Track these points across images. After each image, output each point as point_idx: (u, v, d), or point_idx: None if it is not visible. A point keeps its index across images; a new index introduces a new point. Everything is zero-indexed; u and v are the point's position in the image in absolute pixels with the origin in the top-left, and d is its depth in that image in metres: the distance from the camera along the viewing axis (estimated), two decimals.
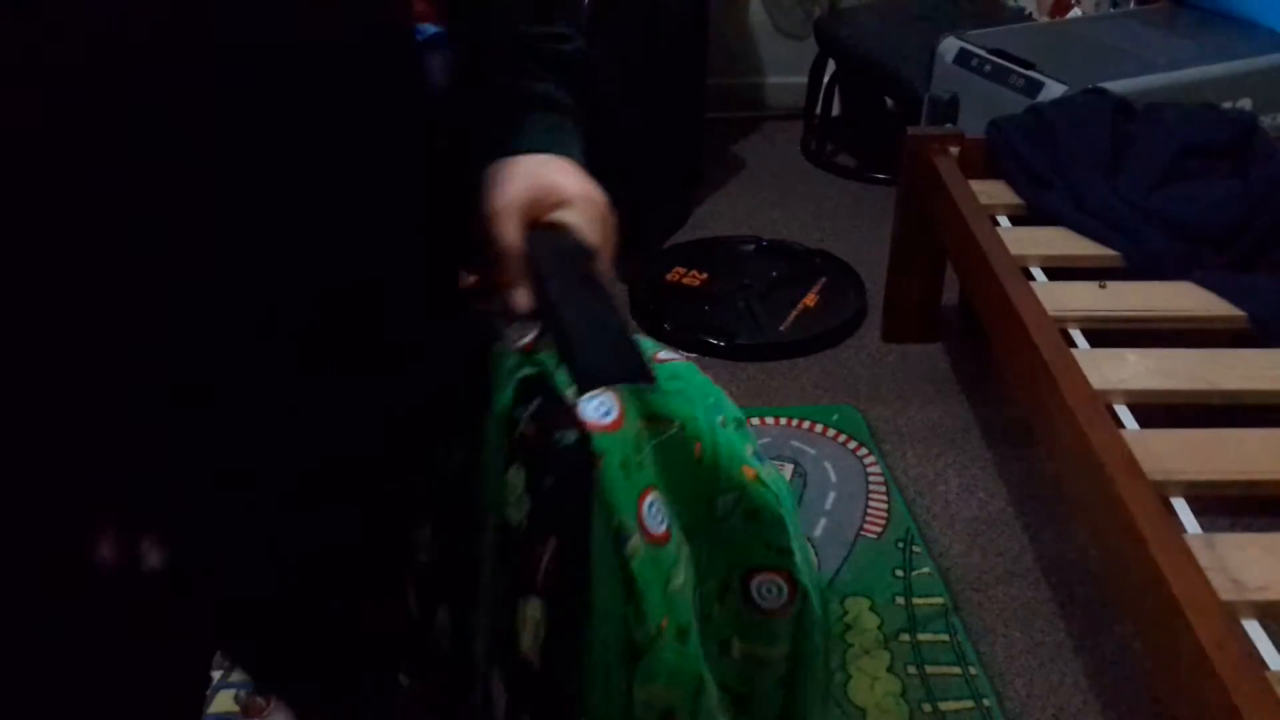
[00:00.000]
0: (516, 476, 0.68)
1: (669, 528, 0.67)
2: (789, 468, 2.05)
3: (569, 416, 0.65)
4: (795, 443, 2.12)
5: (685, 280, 2.63)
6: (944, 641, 1.70)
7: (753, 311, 2.51)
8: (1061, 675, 1.65)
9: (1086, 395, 1.53)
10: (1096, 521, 1.44)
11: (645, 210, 2.85)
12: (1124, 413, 1.56)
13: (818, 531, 1.91)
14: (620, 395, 0.66)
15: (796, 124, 3.37)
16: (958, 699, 1.61)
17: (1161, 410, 1.57)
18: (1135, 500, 1.33)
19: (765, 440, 2.13)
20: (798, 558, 0.71)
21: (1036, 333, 1.67)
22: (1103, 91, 2.14)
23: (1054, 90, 2.21)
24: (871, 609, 1.75)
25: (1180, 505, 1.40)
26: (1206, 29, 2.49)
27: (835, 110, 3.28)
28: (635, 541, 0.65)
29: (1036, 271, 1.91)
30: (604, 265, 0.74)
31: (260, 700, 1.62)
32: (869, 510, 1.95)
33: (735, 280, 2.62)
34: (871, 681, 1.63)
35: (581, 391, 0.66)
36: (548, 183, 0.73)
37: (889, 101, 3.29)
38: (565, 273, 0.70)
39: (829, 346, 2.42)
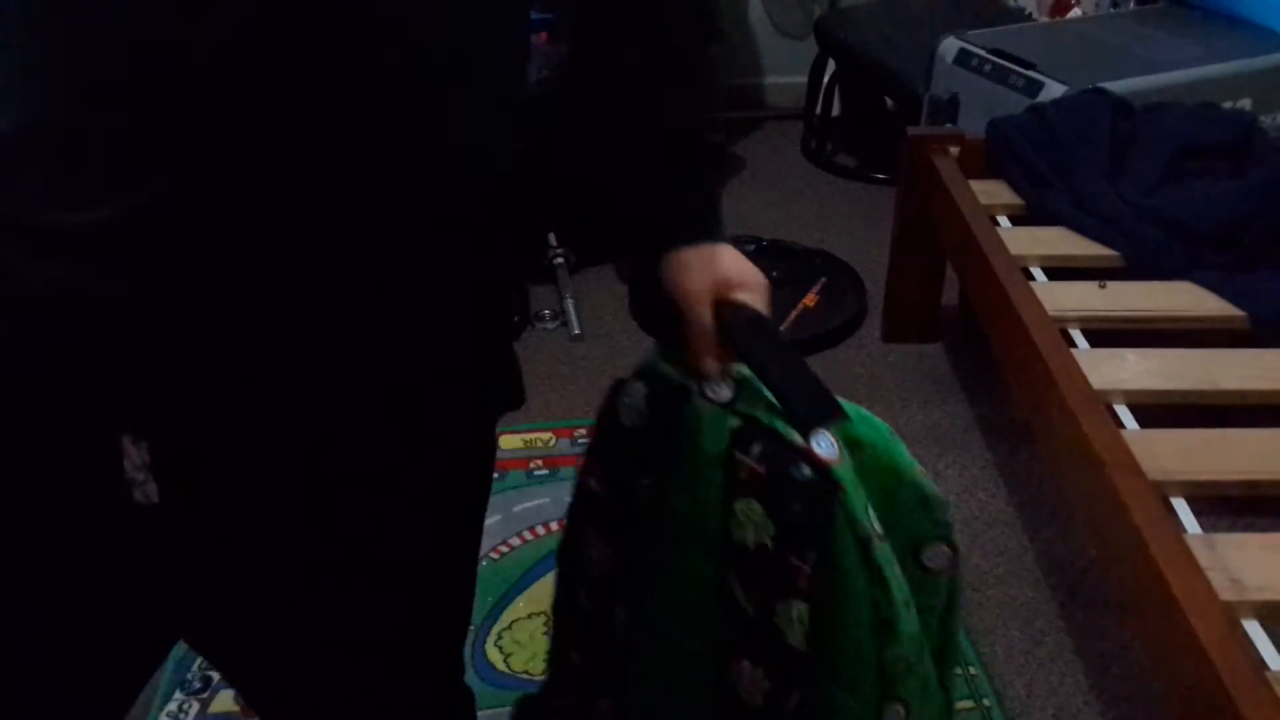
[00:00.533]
0: (750, 507, 0.86)
1: (882, 529, 0.84)
2: None
3: (803, 454, 0.83)
4: None
5: None
6: None
7: None
8: (1061, 675, 1.65)
9: (1086, 395, 1.53)
10: (1096, 521, 1.44)
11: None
12: (1124, 413, 1.56)
13: None
14: (833, 433, 0.83)
15: (796, 124, 3.37)
16: (958, 699, 1.59)
17: (1161, 410, 1.57)
18: (1135, 500, 1.33)
19: None
20: (953, 529, 0.89)
21: (1036, 333, 1.67)
22: (1103, 91, 2.14)
23: (1054, 90, 2.21)
24: None
25: (1180, 505, 1.39)
26: (1206, 29, 2.49)
27: (835, 110, 3.28)
28: (875, 542, 0.82)
29: (1036, 271, 1.91)
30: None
31: None
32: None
33: None
34: None
35: (806, 434, 0.83)
36: (729, 274, 0.87)
37: (889, 101, 3.29)
38: (763, 340, 0.87)
39: (829, 347, 2.42)
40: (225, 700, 1.62)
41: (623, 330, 2.48)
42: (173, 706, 1.62)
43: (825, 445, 0.83)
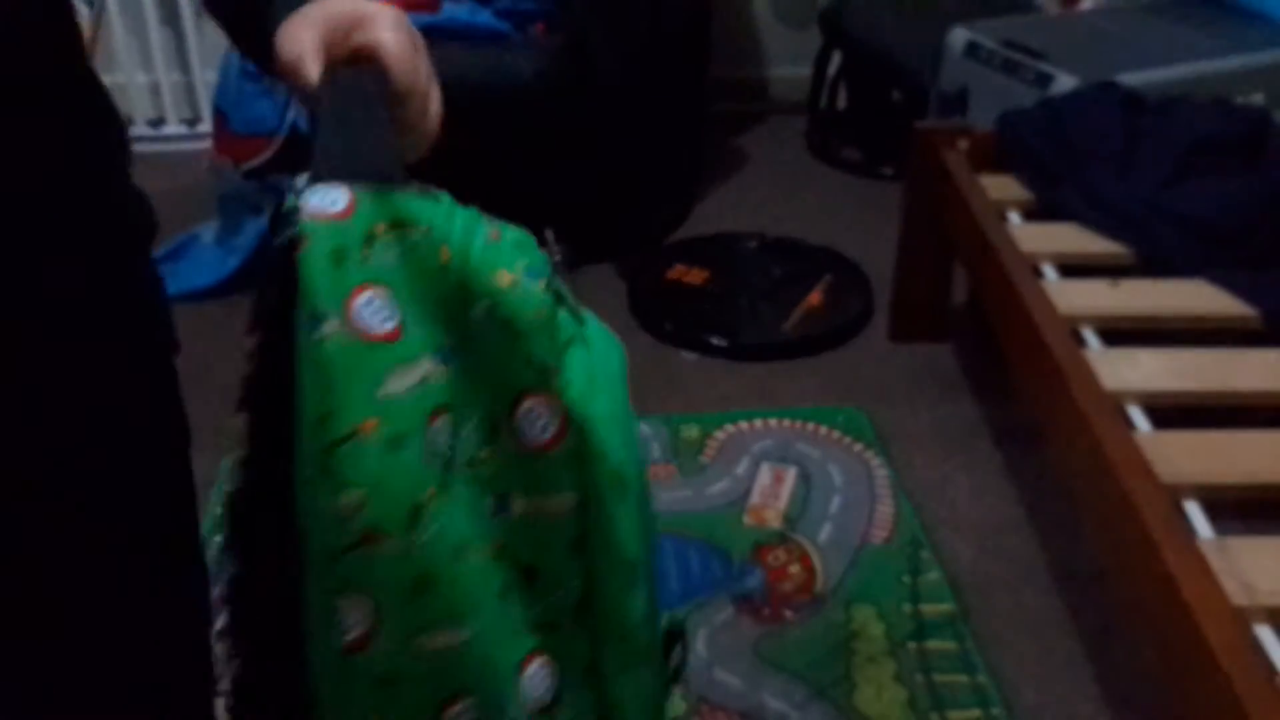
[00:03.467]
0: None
1: (398, 327, 0.61)
2: (793, 471, 2.03)
3: (293, 213, 0.60)
4: (800, 445, 2.10)
5: (687, 278, 2.62)
6: (952, 649, 1.68)
7: (756, 310, 2.50)
8: (1072, 684, 1.63)
9: (1098, 396, 1.52)
10: (1108, 525, 1.43)
11: (646, 206, 2.84)
12: (1136, 414, 1.54)
13: (822, 536, 1.88)
14: (355, 190, 0.61)
15: (801, 117, 3.35)
16: (965, 708, 1.59)
17: (1175, 411, 1.55)
18: (1147, 503, 1.32)
19: (768, 442, 2.11)
20: (565, 375, 0.64)
21: (1047, 332, 1.66)
22: (1115, 85, 2.13)
23: (1065, 83, 2.20)
24: (878, 616, 1.73)
25: (1193, 508, 1.38)
26: (1219, 22, 2.48)
27: (841, 103, 3.28)
28: (330, 328, 0.59)
29: (1047, 269, 1.90)
30: (411, 83, 0.69)
31: None
32: (875, 514, 1.94)
33: (738, 278, 2.61)
34: (878, 690, 1.61)
35: (311, 183, 0.61)
36: (339, 10, 0.70)
37: (896, 94, 3.27)
38: (347, 85, 0.66)
39: (834, 346, 2.40)
40: None
41: (622, 330, 2.45)
42: None
43: (325, 198, 0.60)
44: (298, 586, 0.61)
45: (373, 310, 0.60)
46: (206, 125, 2.72)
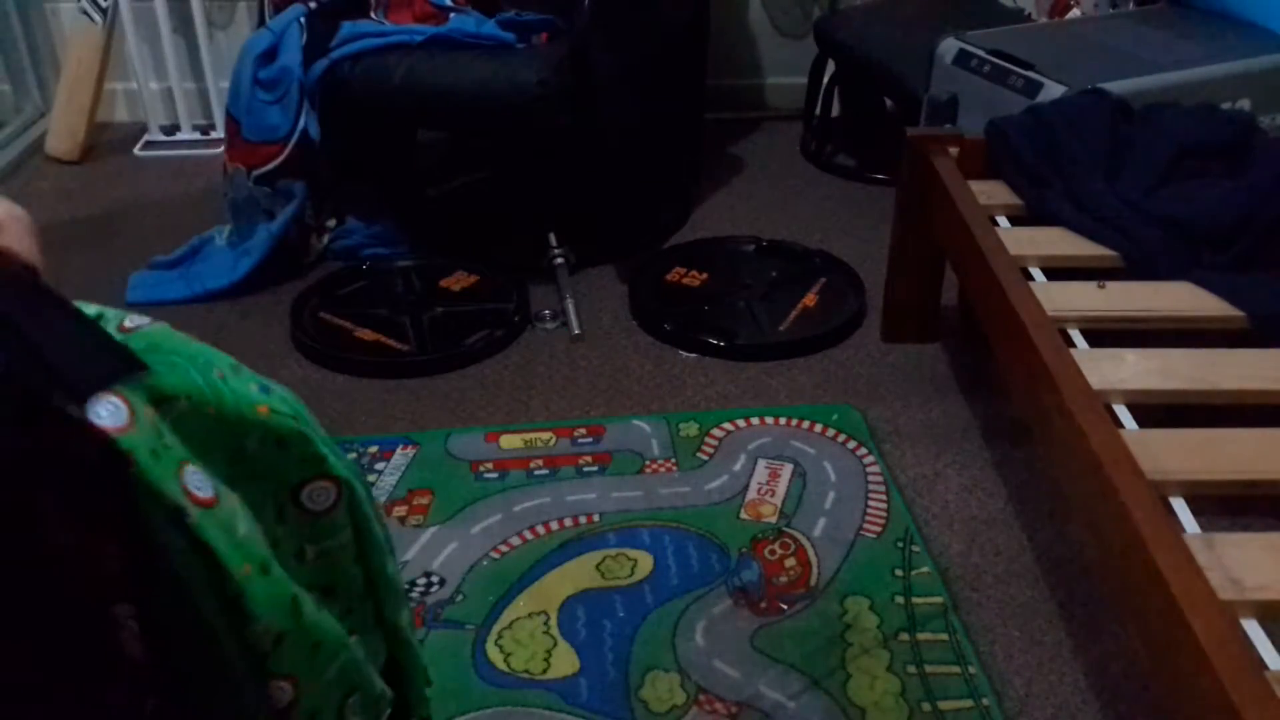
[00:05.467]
0: None
1: (214, 490, 0.73)
2: (789, 467, 2.05)
3: (84, 434, 0.66)
4: (795, 443, 2.12)
5: (685, 280, 2.64)
6: (943, 641, 1.70)
7: (752, 312, 2.52)
8: (1060, 675, 1.65)
9: (1085, 395, 1.53)
10: (1095, 521, 1.44)
11: (646, 210, 2.86)
12: (1123, 412, 1.56)
13: (817, 531, 1.91)
14: (122, 394, 0.68)
15: (796, 125, 3.38)
16: (957, 698, 1.61)
17: (1161, 410, 1.57)
18: (1134, 500, 1.33)
19: (765, 440, 2.13)
20: (330, 459, 0.81)
21: (1035, 333, 1.67)
22: (1102, 92, 2.14)
23: (1053, 91, 2.21)
24: (871, 608, 1.75)
25: (1179, 505, 1.39)
26: (1205, 30, 2.49)
27: (835, 111, 3.29)
28: (193, 515, 0.71)
29: (1035, 272, 1.91)
30: (43, 274, 0.73)
31: None
32: (868, 510, 1.96)
33: (735, 280, 2.62)
34: (870, 681, 1.63)
35: (81, 404, 0.66)
36: None
37: (888, 102, 3.30)
38: (13, 296, 0.68)
39: (828, 347, 2.42)
40: None
41: (622, 330, 2.48)
42: None
43: (107, 413, 0.67)
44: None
45: (196, 482, 0.71)
46: (219, 132, 2.74)
